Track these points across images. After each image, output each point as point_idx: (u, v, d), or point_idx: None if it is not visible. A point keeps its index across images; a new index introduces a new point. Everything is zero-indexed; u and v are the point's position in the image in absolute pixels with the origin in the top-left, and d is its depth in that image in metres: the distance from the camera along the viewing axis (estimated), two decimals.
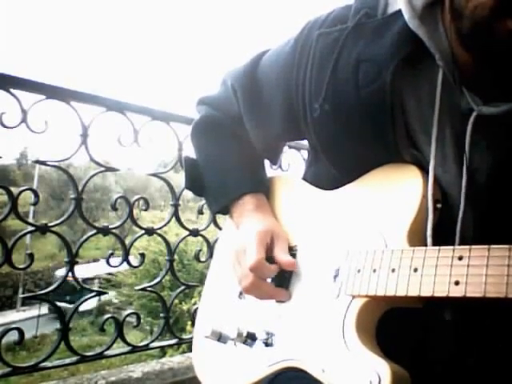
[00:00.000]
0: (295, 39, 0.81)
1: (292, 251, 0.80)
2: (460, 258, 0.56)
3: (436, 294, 0.57)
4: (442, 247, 0.59)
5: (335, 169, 0.78)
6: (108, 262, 1.69)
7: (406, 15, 0.65)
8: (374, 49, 0.68)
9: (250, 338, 0.78)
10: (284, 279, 0.79)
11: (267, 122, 0.86)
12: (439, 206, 0.66)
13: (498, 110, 0.62)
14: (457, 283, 0.55)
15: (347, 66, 0.70)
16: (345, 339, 0.64)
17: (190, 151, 1.05)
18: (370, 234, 0.69)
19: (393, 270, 0.62)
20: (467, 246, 0.56)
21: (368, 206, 0.72)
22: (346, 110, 0.70)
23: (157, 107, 1.76)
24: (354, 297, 0.66)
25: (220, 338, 0.80)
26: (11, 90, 1.39)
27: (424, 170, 0.68)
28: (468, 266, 0.55)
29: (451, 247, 0.58)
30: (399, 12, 0.67)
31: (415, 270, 0.60)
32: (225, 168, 0.91)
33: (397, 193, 0.69)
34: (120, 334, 1.68)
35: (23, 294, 16.82)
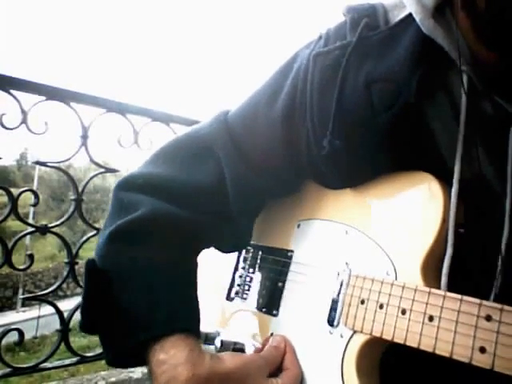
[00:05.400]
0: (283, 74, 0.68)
1: (286, 258, 0.73)
2: (488, 319, 0.45)
3: (455, 357, 0.46)
4: (464, 297, 0.47)
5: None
6: None
7: (418, 16, 0.57)
8: (387, 65, 0.57)
9: (239, 351, 0.69)
10: (276, 290, 0.73)
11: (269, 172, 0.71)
12: (462, 230, 0.55)
13: None
14: (482, 350, 0.44)
15: (356, 90, 0.59)
16: (344, 382, 0.57)
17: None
18: (376, 256, 0.59)
19: (403, 312, 0.52)
20: (498, 305, 0.45)
21: (377, 220, 0.62)
22: (361, 142, 0.59)
23: (157, 108, 1.76)
24: (355, 331, 0.58)
25: (206, 339, 0.72)
26: (11, 91, 1.40)
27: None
28: (498, 332, 0.44)
29: (477, 301, 0.46)
30: (406, 20, 0.60)
31: (430, 318, 0.49)
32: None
33: (412, 211, 0.58)
34: None
35: (23, 294, 16.79)
